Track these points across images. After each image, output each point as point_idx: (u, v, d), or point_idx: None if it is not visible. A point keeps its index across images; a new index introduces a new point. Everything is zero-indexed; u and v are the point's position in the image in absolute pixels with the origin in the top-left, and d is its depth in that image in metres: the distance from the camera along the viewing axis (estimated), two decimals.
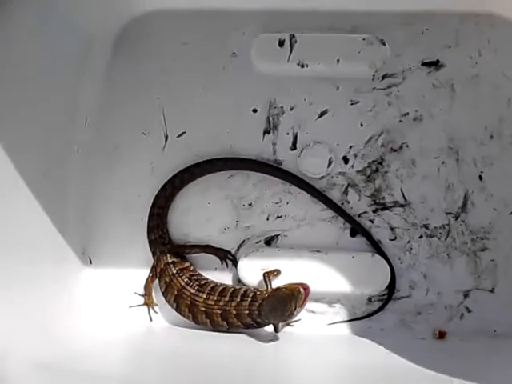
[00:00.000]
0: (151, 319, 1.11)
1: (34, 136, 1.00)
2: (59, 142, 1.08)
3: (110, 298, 1.12)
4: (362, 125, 1.14)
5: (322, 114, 1.15)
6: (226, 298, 1.04)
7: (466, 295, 1.07)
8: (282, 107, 1.16)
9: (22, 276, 0.94)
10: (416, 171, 1.11)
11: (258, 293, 1.04)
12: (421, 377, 0.87)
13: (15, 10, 0.94)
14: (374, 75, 1.14)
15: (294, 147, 1.15)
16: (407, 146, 1.12)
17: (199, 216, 1.14)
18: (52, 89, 1.05)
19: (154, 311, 1.12)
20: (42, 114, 1.00)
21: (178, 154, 1.15)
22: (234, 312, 1.03)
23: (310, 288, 1.01)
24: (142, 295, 1.12)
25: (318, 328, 1.08)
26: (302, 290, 0.99)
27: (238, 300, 1.04)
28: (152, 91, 1.17)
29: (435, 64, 1.14)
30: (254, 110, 1.16)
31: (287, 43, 1.14)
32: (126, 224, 1.14)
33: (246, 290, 1.05)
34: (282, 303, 0.99)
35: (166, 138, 1.16)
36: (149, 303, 1.12)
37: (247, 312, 1.03)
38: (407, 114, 1.13)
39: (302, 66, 1.14)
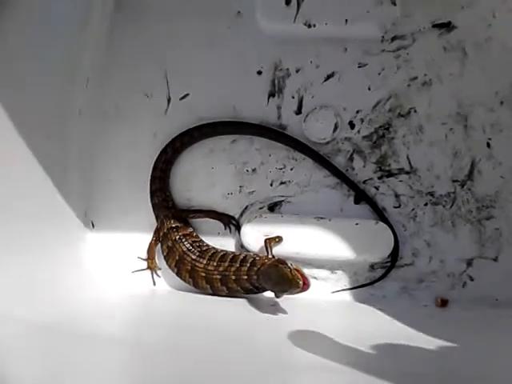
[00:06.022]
0: (154, 283, 1.12)
1: (35, 97, 0.98)
2: (60, 104, 1.06)
3: (114, 262, 1.13)
4: (369, 88, 1.11)
5: (328, 77, 1.12)
6: (226, 264, 1.05)
7: (469, 263, 1.07)
8: (287, 69, 1.13)
9: (24, 236, 0.94)
10: (423, 137, 1.09)
11: (257, 258, 1.04)
12: (422, 343, 0.87)
13: None
14: (383, 37, 1.11)
15: (299, 111, 1.12)
16: (415, 112, 1.10)
17: (203, 181, 1.13)
18: (52, 48, 1.02)
19: (157, 275, 1.13)
20: (42, 74, 0.97)
21: (180, 116, 1.13)
22: (233, 277, 1.04)
23: (309, 286, 0.98)
24: (145, 259, 1.12)
25: (320, 294, 1.09)
26: (301, 283, 0.96)
27: (237, 265, 1.04)
28: (155, 51, 1.14)
29: (447, 25, 1.10)
30: (259, 72, 1.13)
31: (294, 1, 1.10)
32: (129, 188, 1.14)
33: (246, 256, 1.06)
34: (279, 281, 0.98)
35: (169, 100, 1.14)
36: (152, 267, 1.12)
37: (246, 277, 1.03)
38: (416, 78, 1.10)
39: (309, 26, 1.09)
